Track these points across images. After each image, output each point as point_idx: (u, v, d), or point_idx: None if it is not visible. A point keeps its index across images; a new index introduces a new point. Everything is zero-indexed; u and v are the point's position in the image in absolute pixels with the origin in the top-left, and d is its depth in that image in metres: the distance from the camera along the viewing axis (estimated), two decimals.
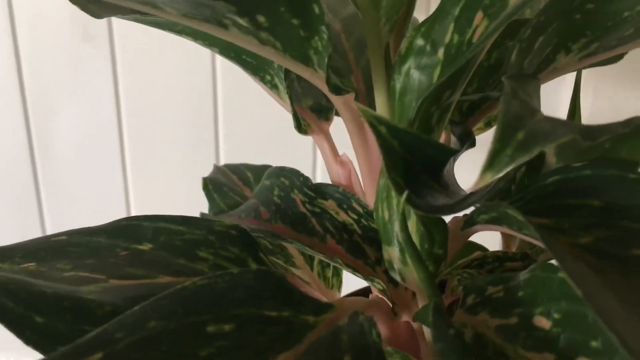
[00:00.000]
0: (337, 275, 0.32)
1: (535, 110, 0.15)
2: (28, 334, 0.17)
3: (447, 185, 0.21)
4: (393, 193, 0.22)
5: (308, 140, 0.60)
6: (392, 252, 0.22)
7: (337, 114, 0.27)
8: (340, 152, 0.28)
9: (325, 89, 0.21)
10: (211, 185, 0.35)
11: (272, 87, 0.26)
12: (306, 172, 0.34)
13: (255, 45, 0.19)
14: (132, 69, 0.59)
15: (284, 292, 0.19)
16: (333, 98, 0.22)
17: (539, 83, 0.22)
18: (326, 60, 0.20)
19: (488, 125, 0.28)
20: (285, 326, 0.18)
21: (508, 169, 0.14)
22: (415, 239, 0.21)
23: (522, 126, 0.14)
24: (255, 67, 0.26)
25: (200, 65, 0.58)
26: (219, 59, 0.58)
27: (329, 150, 0.26)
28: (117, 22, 0.57)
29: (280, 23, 0.19)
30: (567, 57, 0.22)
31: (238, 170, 0.38)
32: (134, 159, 0.63)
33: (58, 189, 0.64)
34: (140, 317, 0.16)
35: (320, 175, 0.62)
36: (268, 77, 0.26)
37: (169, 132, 0.61)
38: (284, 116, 0.57)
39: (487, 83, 0.23)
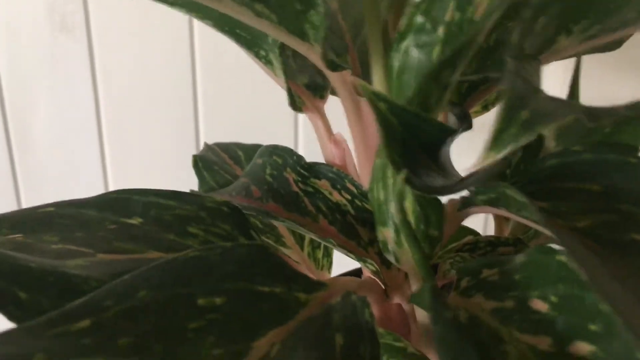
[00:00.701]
0: (328, 256, 0.32)
1: (538, 89, 0.15)
2: (11, 309, 0.17)
3: (444, 166, 0.21)
4: (389, 173, 0.22)
5: (289, 119, 0.59)
6: (387, 233, 0.22)
7: (333, 93, 0.27)
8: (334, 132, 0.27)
9: (321, 65, 0.21)
10: (201, 163, 0.35)
11: (267, 62, 0.25)
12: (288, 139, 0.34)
13: (250, 17, 0.19)
14: (109, 60, 0.58)
15: (276, 268, 0.19)
16: (329, 75, 0.21)
17: (540, 64, 0.21)
18: (322, 35, 0.19)
19: (485, 109, 0.28)
20: (276, 302, 0.18)
21: (511, 149, 0.13)
22: (410, 219, 0.21)
23: (526, 105, 0.14)
24: (250, 42, 0.25)
25: (180, 55, 0.57)
26: (199, 47, 0.58)
27: (323, 129, 0.26)
28: (95, 14, 0.56)
29: None
30: (568, 39, 0.22)
31: (229, 149, 0.37)
32: (113, 150, 0.63)
33: (36, 182, 0.64)
34: (130, 286, 0.16)
35: (302, 149, 0.61)
36: (262, 52, 0.25)
37: (148, 123, 0.61)
38: (266, 96, 0.57)
39: (486, 64, 0.23)
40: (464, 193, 0.20)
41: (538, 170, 0.20)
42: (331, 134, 0.26)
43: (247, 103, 0.59)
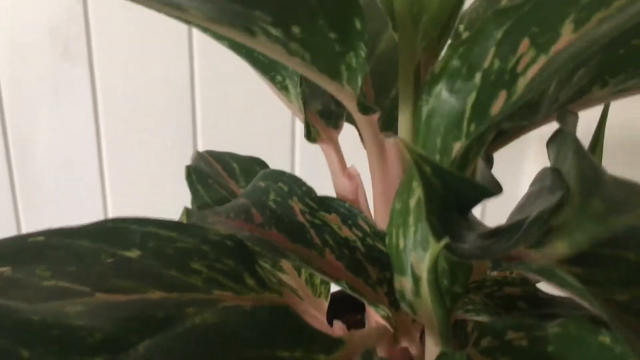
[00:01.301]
0: (326, 283, 0.31)
1: (602, 170, 0.14)
2: None
3: (472, 222, 0.20)
4: (411, 220, 0.21)
5: (285, 130, 0.59)
6: (405, 283, 0.21)
7: (347, 120, 0.25)
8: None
9: (351, 107, 0.19)
10: (194, 175, 0.33)
11: (282, 88, 0.24)
12: (284, 162, 0.34)
13: (281, 54, 0.17)
14: (110, 82, 0.59)
15: (297, 329, 0.18)
16: (357, 116, 0.20)
17: (577, 118, 0.20)
18: (360, 79, 0.18)
19: None
20: None
21: (583, 241, 0.12)
22: (427, 272, 0.20)
23: (595, 192, 0.13)
24: (266, 66, 0.23)
25: (179, 79, 0.58)
26: (198, 71, 0.58)
27: (337, 161, 0.24)
28: (97, 38, 0.57)
29: (315, 35, 0.17)
30: (602, 91, 0.21)
31: (222, 159, 0.36)
32: (112, 171, 0.63)
33: (35, 200, 0.63)
34: None
35: (299, 168, 0.61)
36: (279, 78, 0.24)
37: (147, 144, 0.61)
38: (261, 108, 0.57)
39: (517, 111, 0.22)
40: None
41: None
42: (345, 167, 0.24)
43: (246, 130, 0.60)
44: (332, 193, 0.26)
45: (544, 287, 0.26)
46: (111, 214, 0.64)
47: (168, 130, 0.61)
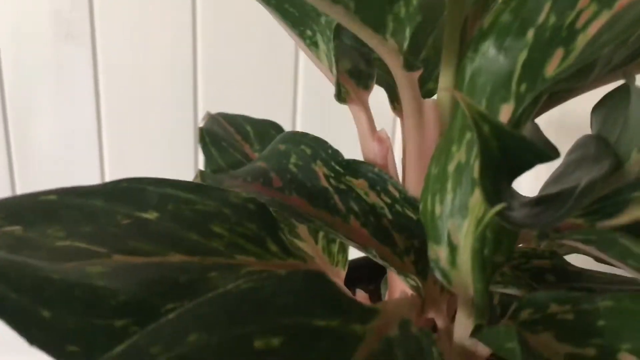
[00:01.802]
0: (343, 251, 0.29)
1: None
2: (34, 332, 0.14)
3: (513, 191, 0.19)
4: (449, 186, 0.20)
5: (288, 97, 0.58)
6: (440, 251, 0.20)
7: (378, 83, 0.24)
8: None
9: (392, 61, 0.18)
10: (208, 138, 0.32)
11: (311, 44, 0.22)
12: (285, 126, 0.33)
13: (323, 1, 0.16)
14: (113, 67, 0.58)
15: (332, 297, 0.16)
16: (398, 73, 0.18)
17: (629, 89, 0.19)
18: (408, 31, 0.16)
19: None
20: (334, 339, 0.16)
21: None
22: (471, 239, 0.19)
23: None
24: (297, 20, 0.22)
25: (182, 63, 0.57)
26: (201, 61, 0.57)
27: (367, 124, 0.23)
28: (100, 21, 0.56)
29: None
30: None
31: (235, 122, 0.34)
32: (113, 156, 0.61)
33: (35, 186, 0.61)
34: (178, 329, 0.13)
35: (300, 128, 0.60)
36: (309, 33, 0.22)
37: (149, 130, 0.60)
38: (263, 77, 0.56)
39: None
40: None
41: (623, 200, 0.18)
42: (375, 130, 0.23)
43: (248, 101, 0.59)
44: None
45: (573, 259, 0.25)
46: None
47: (170, 112, 0.60)
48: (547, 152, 0.16)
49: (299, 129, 0.60)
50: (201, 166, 0.35)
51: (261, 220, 0.22)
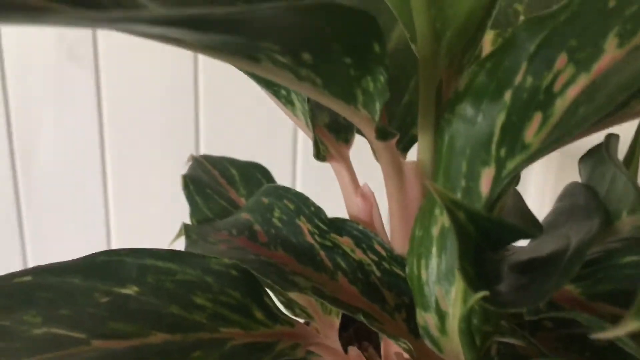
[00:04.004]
0: None
1: None
2: None
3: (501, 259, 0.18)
4: (434, 250, 0.19)
5: (287, 137, 0.58)
6: (429, 318, 0.19)
7: (359, 132, 0.23)
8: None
9: (367, 130, 0.17)
10: (192, 186, 0.31)
11: (287, 102, 0.22)
12: (285, 170, 0.32)
13: (289, 80, 0.15)
14: (115, 88, 0.58)
15: None
16: (374, 140, 0.18)
17: (618, 140, 0.19)
18: (378, 104, 0.16)
19: None
20: None
21: None
22: (460, 308, 0.18)
23: None
24: (269, 81, 0.21)
25: (184, 89, 0.57)
26: (203, 83, 0.58)
27: (349, 180, 0.22)
28: (103, 42, 0.56)
29: (328, 61, 0.15)
30: None
31: (220, 165, 0.34)
32: (115, 175, 0.61)
33: (38, 203, 0.62)
34: None
35: (300, 176, 0.59)
36: (283, 92, 0.21)
37: (149, 148, 0.60)
38: (263, 116, 0.56)
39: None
40: None
41: (611, 266, 0.17)
42: (357, 185, 0.22)
43: (247, 137, 0.59)
44: (335, 195, 0.24)
45: None
46: (113, 218, 0.62)
47: (171, 134, 0.60)
48: (528, 230, 0.15)
49: (299, 169, 0.60)
50: None
51: (245, 286, 0.22)
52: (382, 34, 0.14)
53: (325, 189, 0.27)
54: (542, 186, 0.57)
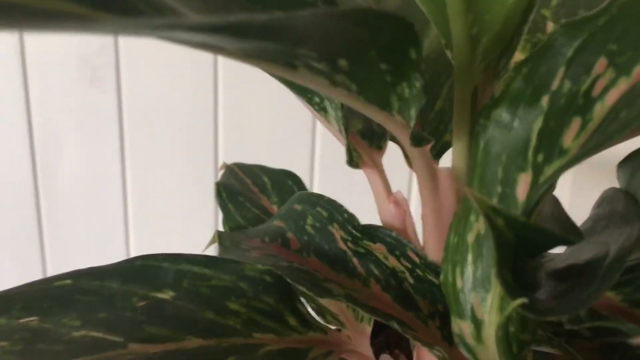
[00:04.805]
0: None
1: None
2: None
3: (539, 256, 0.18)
4: (469, 257, 0.19)
5: (305, 146, 0.58)
6: (464, 327, 0.19)
7: (392, 140, 0.23)
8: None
9: (402, 136, 0.17)
10: (225, 193, 0.32)
11: (320, 109, 0.22)
12: (303, 178, 0.33)
13: (324, 86, 0.15)
14: (137, 113, 0.59)
15: None
16: (409, 146, 0.18)
17: None
18: (413, 110, 0.16)
19: None
20: None
21: None
22: (497, 315, 0.18)
23: None
24: (303, 88, 0.22)
25: (204, 110, 0.58)
26: (222, 108, 0.58)
27: (382, 186, 0.22)
28: (125, 67, 0.57)
29: (364, 67, 0.15)
30: None
31: (252, 174, 0.34)
32: (135, 199, 0.63)
33: (59, 225, 0.63)
34: None
35: (318, 184, 0.59)
36: (317, 99, 0.22)
37: (171, 171, 0.61)
38: (282, 132, 0.57)
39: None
40: None
41: None
42: (390, 192, 0.22)
43: (267, 154, 0.60)
44: (350, 206, 0.25)
45: None
46: (133, 237, 0.63)
47: (192, 154, 0.61)
48: (568, 237, 0.15)
49: (317, 176, 0.60)
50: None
51: (278, 292, 0.22)
52: (418, 40, 0.14)
53: (344, 195, 0.27)
54: (558, 193, 0.56)
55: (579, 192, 0.51)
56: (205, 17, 0.13)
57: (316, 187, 0.60)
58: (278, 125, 0.58)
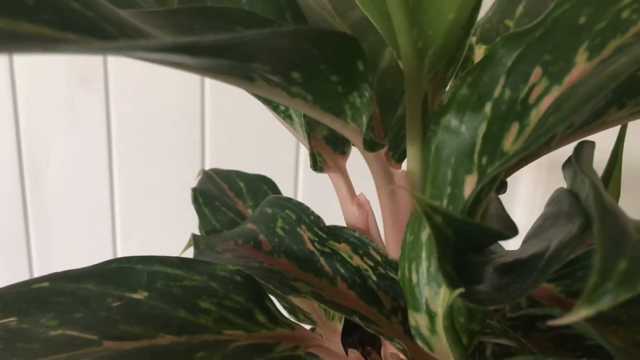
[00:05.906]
0: None
1: (627, 226, 0.13)
2: None
3: (487, 250, 0.19)
4: (423, 254, 0.20)
5: (290, 150, 0.59)
6: (420, 319, 0.20)
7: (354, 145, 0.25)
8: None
9: (356, 141, 0.19)
10: (201, 198, 0.33)
11: (286, 117, 0.23)
12: (288, 181, 0.34)
13: (282, 97, 0.17)
14: (125, 114, 0.60)
15: None
16: (363, 151, 0.19)
17: (593, 147, 0.20)
18: (365, 117, 0.17)
19: None
20: None
21: (608, 304, 0.12)
22: (445, 310, 0.19)
23: (622, 253, 0.12)
24: (268, 98, 0.23)
25: (191, 115, 0.59)
26: (209, 108, 0.60)
27: (346, 189, 0.24)
28: (113, 69, 0.58)
29: (316, 79, 0.16)
30: (619, 112, 0.20)
31: (228, 179, 0.35)
32: (123, 200, 0.63)
33: (46, 223, 0.64)
34: None
35: (302, 188, 0.61)
36: (282, 107, 0.23)
37: (157, 171, 0.62)
38: (267, 134, 0.58)
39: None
40: None
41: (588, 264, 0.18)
42: (354, 195, 0.24)
43: (252, 153, 0.61)
44: (334, 210, 0.26)
45: None
46: (120, 238, 0.64)
47: (177, 153, 0.62)
48: (504, 232, 0.16)
49: (301, 180, 0.61)
50: None
51: (249, 291, 0.23)
52: (364, 54, 0.15)
53: (327, 199, 0.29)
54: (532, 196, 0.58)
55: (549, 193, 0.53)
56: (163, 37, 0.14)
57: (300, 190, 0.62)
58: (264, 129, 0.59)
